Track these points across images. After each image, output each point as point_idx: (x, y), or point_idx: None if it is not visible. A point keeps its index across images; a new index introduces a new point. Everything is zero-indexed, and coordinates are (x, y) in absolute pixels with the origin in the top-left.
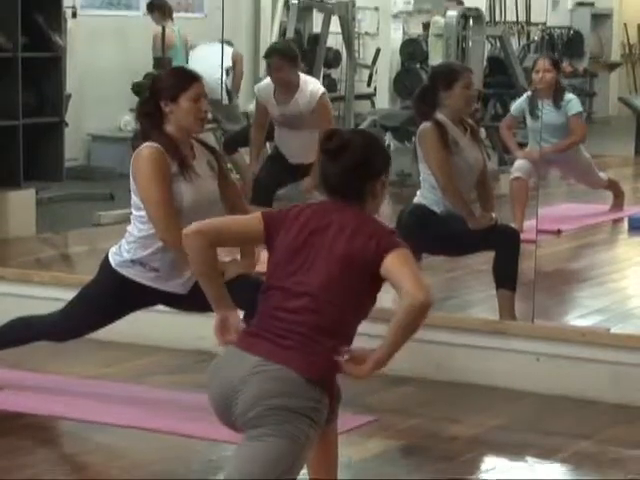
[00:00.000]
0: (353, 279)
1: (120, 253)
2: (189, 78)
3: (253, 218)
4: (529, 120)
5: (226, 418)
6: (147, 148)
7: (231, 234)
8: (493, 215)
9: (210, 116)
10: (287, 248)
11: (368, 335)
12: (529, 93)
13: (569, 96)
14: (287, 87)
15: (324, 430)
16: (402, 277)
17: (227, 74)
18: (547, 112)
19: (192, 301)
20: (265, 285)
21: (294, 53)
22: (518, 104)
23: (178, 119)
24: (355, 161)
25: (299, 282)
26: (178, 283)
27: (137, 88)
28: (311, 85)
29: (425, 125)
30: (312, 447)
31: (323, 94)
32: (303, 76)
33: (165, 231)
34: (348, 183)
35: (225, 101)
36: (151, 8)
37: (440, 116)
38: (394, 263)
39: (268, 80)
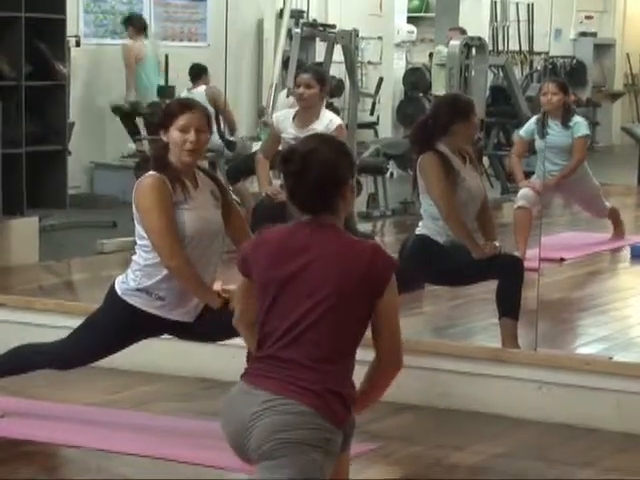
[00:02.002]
0: (346, 307)
1: (127, 282)
2: (180, 107)
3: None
4: (538, 141)
5: (242, 453)
6: (149, 177)
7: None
8: (497, 244)
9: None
10: (265, 284)
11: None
12: (539, 115)
13: (577, 118)
14: (309, 110)
15: (336, 459)
16: (391, 333)
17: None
18: (555, 133)
19: (197, 330)
20: (258, 328)
21: (325, 77)
22: (527, 126)
23: (171, 149)
24: (321, 176)
25: (290, 321)
26: (184, 312)
27: (115, 110)
28: (331, 115)
29: (426, 155)
30: (326, 477)
31: (340, 125)
32: (324, 109)
33: (170, 259)
34: (317, 198)
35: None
36: (126, 23)
37: (441, 146)
38: (388, 306)
39: (287, 110)
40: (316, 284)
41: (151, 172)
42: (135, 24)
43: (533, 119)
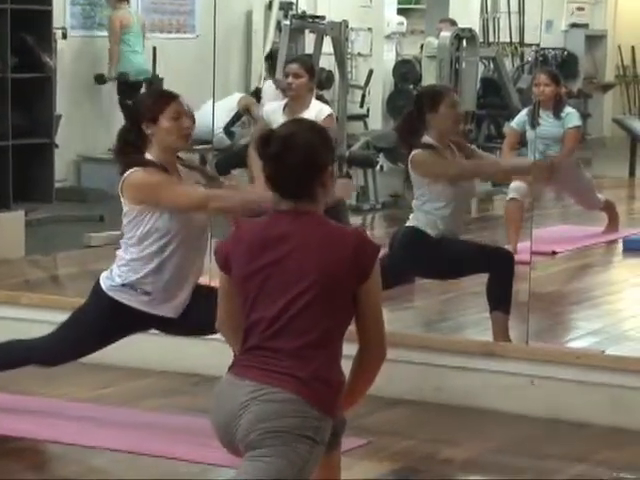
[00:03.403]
0: (331, 294)
1: (112, 277)
2: (166, 98)
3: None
4: (529, 132)
5: (229, 444)
6: (136, 172)
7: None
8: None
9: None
10: (248, 277)
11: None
12: (530, 107)
13: (569, 109)
14: (299, 100)
15: (327, 456)
16: (375, 320)
17: (236, 120)
18: (546, 124)
19: (184, 325)
20: (244, 318)
21: (313, 66)
22: (519, 117)
23: (161, 140)
24: (300, 160)
25: (275, 311)
26: (170, 307)
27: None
28: (321, 105)
29: (417, 152)
30: (315, 467)
31: (330, 115)
32: (314, 100)
33: (207, 203)
34: (297, 182)
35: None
36: None
37: (427, 139)
38: (371, 291)
39: (276, 102)
40: (300, 272)
41: (135, 167)
42: None
43: (524, 111)
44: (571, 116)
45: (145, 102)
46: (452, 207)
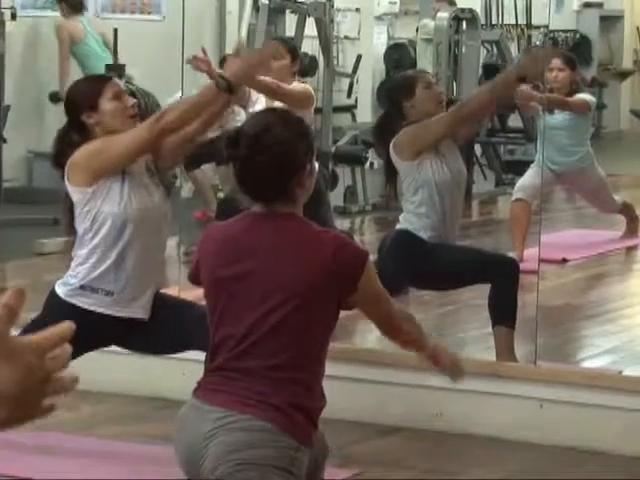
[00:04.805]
0: (309, 308)
1: (67, 281)
2: (100, 81)
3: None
4: (540, 120)
5: (195, 476)
6: (77, 152)
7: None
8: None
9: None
10: (215, 287)
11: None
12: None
13: (582, 95)
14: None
15: None
16: (381, 320)
17: None
18: (559, 114)
19: (151, 339)
20: (211, 335)
21: (296, 48)
22: None
23: (106, 125)
24: (273, 161)
25: (245, 326)
26: (138, 306)
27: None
28: (301, 85)
29: (397, 135)
30: None
31: (307, 92)
32: (296, 83)
33: (143, 133)
34: (270, 186)
35: None
36: None
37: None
38: (367, 297)
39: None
40: (273, 284)
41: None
42: (68, 1)
43: None
44: (583, 94)
45: (79, 90)
46: (445, 202)
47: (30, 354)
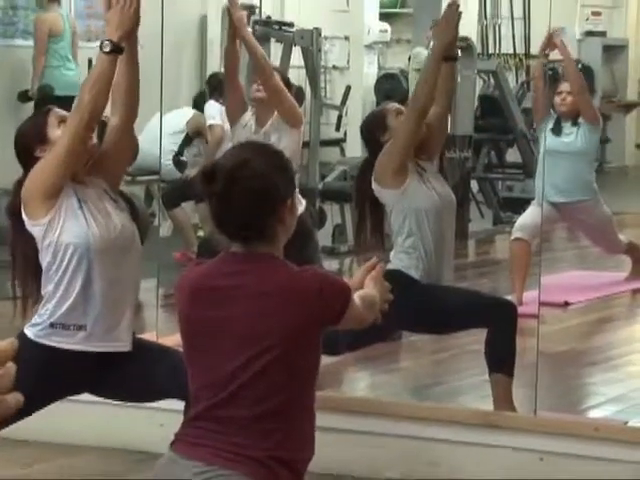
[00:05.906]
0: (293, 352)
1: (36, 321)
2: (40, 114)
3: None
4: (550, 139)
5: None
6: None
7: None
8: None
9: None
10: (192, 332)
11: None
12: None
13: None
14: (265, 107)
15: None
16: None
17: (185, 145)
18: (567, 138)
19: (126, 385)
20: (190, 382)
21: (288, 79)
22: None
23: None
24: (251, 198)
25: (226, 374)
26: (114, 338)
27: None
28: None
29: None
30: None
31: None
32: None
33: (73, 120)
34: (248, 225)
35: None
36: None
37: None
38: (349, 321)
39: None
40: (255, 331)
41: None
42: None
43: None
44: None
45: (24, 130)
46: (436, 230)
47: None
